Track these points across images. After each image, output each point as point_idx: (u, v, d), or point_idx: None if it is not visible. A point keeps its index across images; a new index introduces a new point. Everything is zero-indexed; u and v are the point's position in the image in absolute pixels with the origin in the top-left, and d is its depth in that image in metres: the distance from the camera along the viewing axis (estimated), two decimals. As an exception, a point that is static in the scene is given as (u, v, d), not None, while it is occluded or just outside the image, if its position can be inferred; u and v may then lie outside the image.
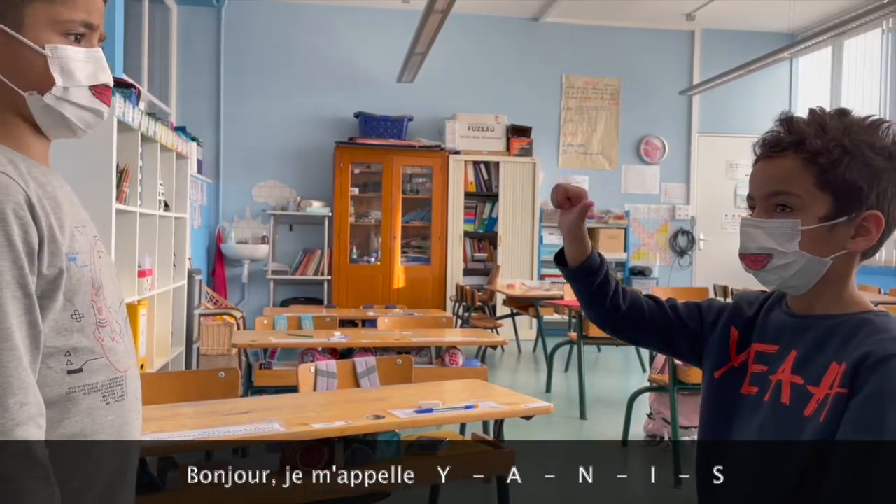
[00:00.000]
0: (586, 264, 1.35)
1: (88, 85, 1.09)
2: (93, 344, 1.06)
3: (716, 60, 8.71)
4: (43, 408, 0.98)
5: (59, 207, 1.05)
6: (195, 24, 8.23)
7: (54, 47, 1.06)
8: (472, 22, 8.53)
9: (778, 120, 1.18)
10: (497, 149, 8.35)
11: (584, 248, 1.35)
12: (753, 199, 1.20)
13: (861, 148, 1.11)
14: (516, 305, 7.23)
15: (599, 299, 1.37)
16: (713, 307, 1.34)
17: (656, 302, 1.38)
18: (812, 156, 1.12)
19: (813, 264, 1.13)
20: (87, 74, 1.09)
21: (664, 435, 4.31)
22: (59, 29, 1.07)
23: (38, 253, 0.99)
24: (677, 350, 1.37)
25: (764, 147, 1.18)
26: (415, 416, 2.37)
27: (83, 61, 1.09)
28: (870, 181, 1.11)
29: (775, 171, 1.15)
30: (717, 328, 1.29)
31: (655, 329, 1.36)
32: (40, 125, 1.09)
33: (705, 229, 9.13)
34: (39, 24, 1.05)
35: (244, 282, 8.25)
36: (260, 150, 8.36)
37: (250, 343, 3.93)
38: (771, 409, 1.15)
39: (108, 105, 1.13)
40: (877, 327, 1.10)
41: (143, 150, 4.57)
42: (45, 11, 1.05)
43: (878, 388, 1.03)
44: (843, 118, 1.14)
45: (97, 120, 1.12)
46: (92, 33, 1.11)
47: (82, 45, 1.09)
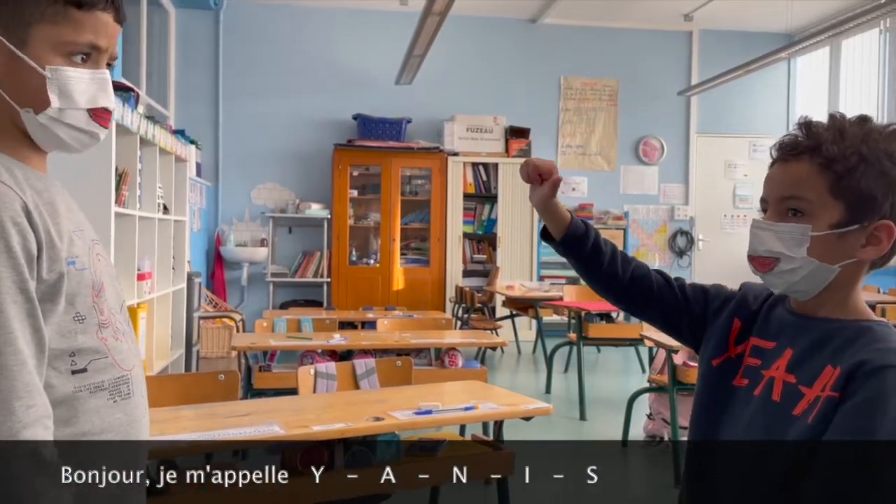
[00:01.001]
0: (570, 233, 1.35)
1: (87, 108, 1.09)
2: (97, 344, 1.07)
3: (714, 61, 8.71)
4: (49, 409, 0.99)
5: (56, 213, 1.06)
6: (193, 26, 8.23)
7: (55, 69, 1.06)
8: (471, 23, 8.53)
9: (797, 124, 1.16)
10: (496, 150, 8.35)
11: (562, 219, 1.35)
12: (767, 201, 1.18)
13: (879, 157, 1.10)
14: (516, 306, 7.23)
15: (594, 267, 1.36)
16: (720, 294, 1.33)
17: (665, 278, 1.37)
18: (828, 162, 1.10)
19: (820, 271, 1.13)
20: (87, 97, 1.09)
21: (664, 435, 4.31)
22: (63, 50, 1.07)
23: (37, 258, 1.00)
24: (678, 329, 1.37)
25: (781, 150, 1.17)
26: (414, 418, 2.37)
27: (85, 83, 1.09)
28: (885, 191, 1.10)
29: (789, 175, 1.14)
30: (720, 316, 1.29)
31: (661, 305, 1.35)
32: (34, 140, 1.10)
33: (704, 230, 9.14)
34: (44, 44, 1.06)
35: (243, 284, 8.25)
36: (258, 153, 8.36)
37: (250, 345, 3.93)
38: (761, 404, 1.15)
39: (105, 128, 1.13)
40: (876, 336, 1.10)
41: (141, 154, 4.57)
42: (51, 32, 1.06)
43: (871, 397, 1.02)
44: (863, 125, 1.13)
45: (93, 141, 1.13)
46: (99, 55, 1.11)
47: (88, 65, 1.10)
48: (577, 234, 1.35)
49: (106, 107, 1.12)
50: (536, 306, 6.60)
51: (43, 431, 0.97)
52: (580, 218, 1.37)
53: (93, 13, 1.08)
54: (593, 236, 1.36)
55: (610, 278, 1.37)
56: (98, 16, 1.09)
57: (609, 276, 1.37)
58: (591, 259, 1.36)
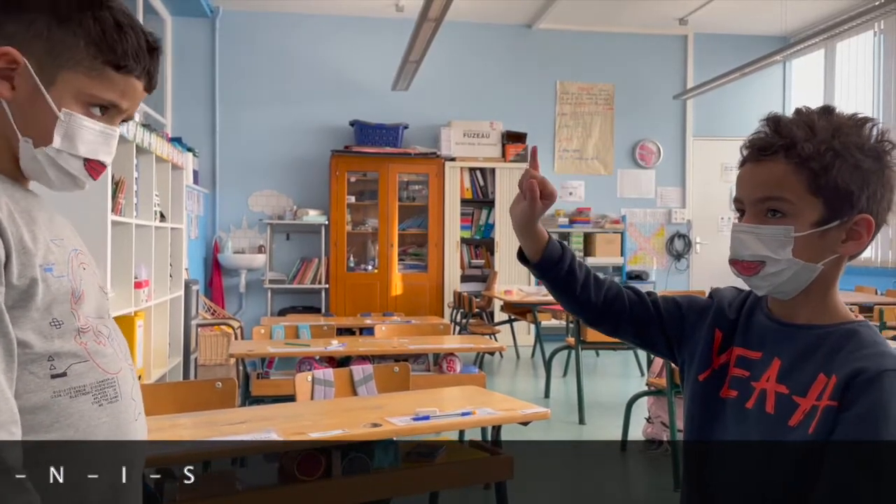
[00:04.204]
0: (546, 255, 1.32)
1: (84, 157, 1.11)
2: (75, 348, 1.07)
3: (709, 64, 8.74)
4: (16, 415, 0.98)
5: (33, 221, 1.06)
6: (190, 34, 8.24)
7: (69, 114, 1.08)
8: (466, 29, 8.55)
9: (764, 121, 1.15)
10: (492, 155, 8.36)
11: (539, 239, 1.32)
12: (742, 202, 1.16)
13: (850, 150, 1.09)
14: (514, 311, 7.22)
15: (567, 292, 1.34)
16: (694, 306, 1.31)
17: (638, 295, 1.35)
18: (803, 160, 1.09)
19: (805, 270, 1.12)
20: (89, 148, 1.11)
21: (663, 439, 4.31)
22: (84, 100, 1.09)
23: (5, 264, 1.00)
24: (652, 344, 1.35)
25: (752, 150, 1.15)
26: (412, 424, 2.36)
27: (93, 134, 1.11)
28: (860, 184, 1.09)
29: (766, 175, 1.12)
30: (700, 329, 1.27)
31: (634, 324, 1.34)
32: (22, 167, 1.11)
33: (701, 233, 9.15)
34: (69, 89, 1.08)
35: (241, 291, 8.24)
36: (256, 160, 8.36)
37: (248, 353, 3.93)
38: (756, 417, 1.14)
39: (94, 179, 1.16)
40: (863, 341, 1.09)
41: (138, 162, 4.57)
42: (81, 82, 1.09)
43: (872, 405, 1.02)
44: (830, 118, 1.12)
45: (76, 188, 1.15)
46: (118, 113, 1.14)
47: (103, 119, 1.12)
48: (553, 257, 1.32)
49: (103, 161, 1.14)
50: (535, 311, 6.60)
51: (7, 437, 0.95)
52: (557, 240, 1.34)
53: (128, 77, 1.12)
54: (569, 260, 1.32)
55: (583, 304, 1.35)
56: (131, 81, 1.13)
57: (581, 301, 1.34)
58: (564, 284, 1.34)
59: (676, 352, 1.32)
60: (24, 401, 1.01)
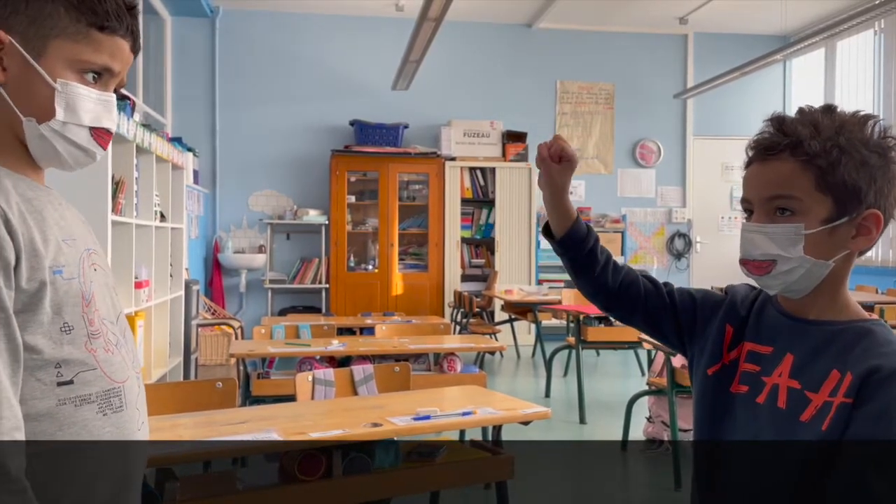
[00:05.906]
0: (571, 232, 1.35)
1: (89, 126, 1.11)
2: (84, 356, 1.05)
3: (709, 63, 8.74)
4: (20, 422, 0.96)
5: (43, 221, 1.05)
6: (190, 34, 8.24)
7: (65, 83, 1.08)
8: (466, 29, 8.55)
9: (768, 120, 1.16)
10: (493, 155, 8.36)
11: (567, 216, 1.35)
12: (749, 202, 1.17)
13: (856, 146, 1.10)
14: (514, 311, 7.22)
15: (586, 272, 1.36)
16: (708, 301, 1.32)
17: (653, 283, 1.37)
18: (810, 158, 1.10)
19: (816, 268, 1.12)
20: (92, 116, 1.11)
21: (663, 438, 4.31)
22: (77, 67, 1.09)
23: (15, 267, 0.98)
24: (664, 334, 1.36)
25: (758, 150, 1.16)
26: (412, 424, 2.36)
27: (93, 102, 1.10)
28: (867, 180, 1.10)
29: (773, 174, 1.13)
30: (712, 324, 1.28)
31: (647, 311, 1.35)
32: (31, 152, 1.10)
33: (702, 232, 9.15)
34: (59, 58, 1.07)
35: (242, 291, 8.24)
36: (256, 160, 8.36)
37: (248, 353, 3.92)
38: (767, 412, 1.14)
39: (104, 148, 1.15)
40: (878, 339, 1.10)
41: (138, 162, 4.57)
42: (69, 49, 1.08)
43: (888, 404, 1.03)
44: (832, 115, 1.13)
45: (88, 160, 1.14)
46: (110, 78, 1.13)
47: (98, 86, 1.12)
48: (578, 235, 1.35)
49: (108, 128, 1.14)
50: (535, 310, 6.59)
51: (10, 444, 0.94)
52: (585, 221, 1.37)
53: (113, 37, 1.11)
54: (592, 241, 1.36)
55: (599, 286, 1.37)
56: (117, 41, 1.12)
57: (598, 284, 1.37)
58: (584, 264, 1.36)
59: (687, 344, 1.33)
60: (29, 407, 0.99)
